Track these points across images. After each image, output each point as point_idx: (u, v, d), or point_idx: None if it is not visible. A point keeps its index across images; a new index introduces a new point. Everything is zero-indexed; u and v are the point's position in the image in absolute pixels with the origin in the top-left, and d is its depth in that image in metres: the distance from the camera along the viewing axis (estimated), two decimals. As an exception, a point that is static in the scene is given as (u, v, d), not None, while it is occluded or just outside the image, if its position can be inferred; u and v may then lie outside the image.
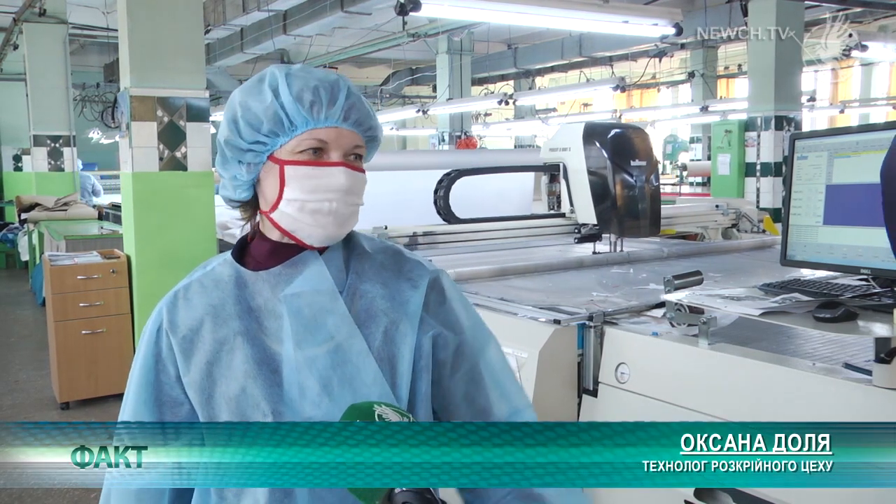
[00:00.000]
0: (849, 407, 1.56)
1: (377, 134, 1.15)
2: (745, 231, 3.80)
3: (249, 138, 1.11)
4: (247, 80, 1.16)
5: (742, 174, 7.24)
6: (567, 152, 3.28)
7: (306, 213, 1.09)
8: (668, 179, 14.10)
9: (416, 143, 20.91)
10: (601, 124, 3.36)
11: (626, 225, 3.21)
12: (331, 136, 1.09)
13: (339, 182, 1.08)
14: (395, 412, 0.95)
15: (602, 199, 3.18)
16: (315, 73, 1.12)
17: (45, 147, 9.72)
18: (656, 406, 1.90)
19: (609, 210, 3.18)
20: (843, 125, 12.04)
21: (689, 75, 13.90)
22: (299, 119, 1.09)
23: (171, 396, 1.12)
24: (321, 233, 1.10)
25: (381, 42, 11.06)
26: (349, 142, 1.11)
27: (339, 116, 1.10)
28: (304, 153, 1.09)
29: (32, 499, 3.72)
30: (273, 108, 1.09)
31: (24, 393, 5.44)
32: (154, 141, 4.57)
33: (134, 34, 4.48)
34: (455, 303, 1.19)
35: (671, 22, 5.86)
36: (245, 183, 1.14)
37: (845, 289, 1.90)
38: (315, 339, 1.09)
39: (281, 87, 1.10)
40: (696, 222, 3.82)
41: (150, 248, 4.67)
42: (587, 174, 3.20)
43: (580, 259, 3.13)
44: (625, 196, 3.17)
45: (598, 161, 3.18)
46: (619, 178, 3.16)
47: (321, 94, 1.09)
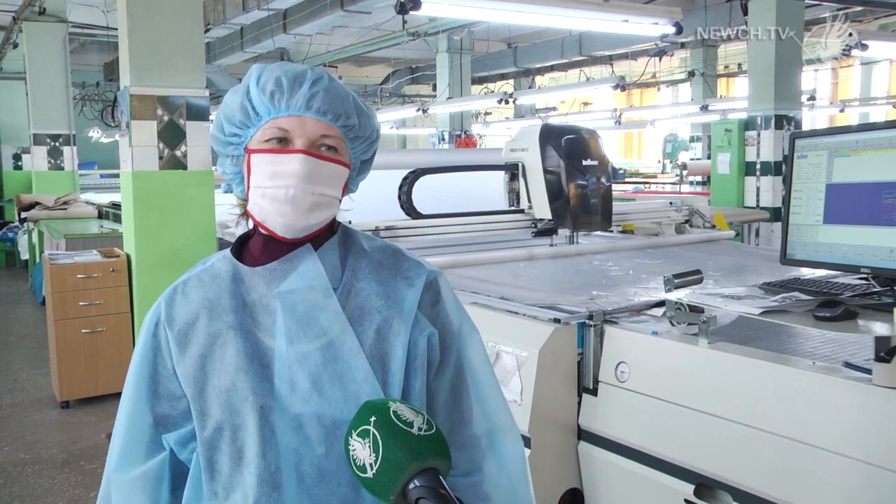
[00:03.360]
0: (849, 406, 1.56)
1: (353, 124, 1.14)
2: (697, 227, 4.01)
3: (227, 131, 1.14)
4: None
5: (742, 173, 7.23)
6: (525, 152, 3.52)
7: (267, 199, 1.09)
8: (667, 179, 14.11)
9: (416, 142, 20.93)
10: (557, 127, 3.64)
11: (580, 220, 3.46)
12: (293, 124, 1.10)
13: (293, 168, 1.08)
14: (411, 410, 0.95)
15: (557, 196, 3.42)
16: (285, 66, 1.13)
17: (45, 146, 9.72)
18: (656, 405, 1.91)
19: (563, 206, 3.42)
20: (843, 124, 12.03)
21: (689, 74, 13.89)
22: (262, 109, 1.11)
23: (170, 390, 1.13)
24: (282, 221, 1.10)
25: (381, 41, 11.06)
26: (314, 131, 1.10)
27: (301, 105, 1.10)
28: (269, 142, 1.10)
29: (33, 497, 3.72)
30: (241, 99, 1.12)
31: (24, 392, 5.44)
32: (154, 140, 4.57)
33: (134, 33, 4.48)
34: (448, 305, 1.19)
35: (671, 21, 5.85)
36: (235, 176, 1.17)
37: (845, 288, 1.90)
38: (307, 336, 1.09)
39: (252, 81, 1.12)
40: (651, 218, 4.01)
41: (149, 247, 4.67)
42: (543, 173, 3.43)
43: (532, 252, 3.33)
44: (577, 193, 3.41)
45: (554, 161, 3.42)
46: (573, 177, 3.40)
47: (283, 84, 1.10)
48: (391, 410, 0.94)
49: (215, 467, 1.09)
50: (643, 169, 17.10)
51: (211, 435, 1.09)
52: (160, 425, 1.14)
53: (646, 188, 13.23)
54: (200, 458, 1.10)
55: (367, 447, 0.92)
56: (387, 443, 0.91)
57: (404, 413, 0.94)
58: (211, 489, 1.10)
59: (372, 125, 1.18)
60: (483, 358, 1.22)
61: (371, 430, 0.93)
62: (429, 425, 0.94)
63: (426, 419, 0.95)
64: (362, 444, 0.93)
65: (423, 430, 0.93)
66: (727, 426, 1.74)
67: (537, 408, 2.02)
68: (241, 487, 1.08)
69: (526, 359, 2.04)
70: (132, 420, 1.15)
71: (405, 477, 0.90)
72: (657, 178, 14.95)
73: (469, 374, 1.18)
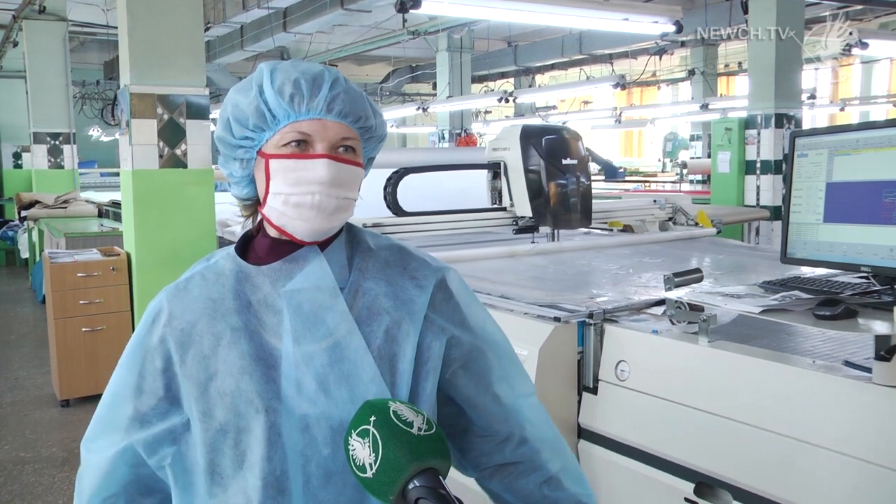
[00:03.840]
0: (848, 404, 1.56)
1: (371, 125, 1.13)
2: (680, 224, 4.05)
3: (238, 134, 1.10)
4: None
5: (742, 172, 7.22)
6: (507, 152, 3.58)
7: (290, 206, 1.08)
8: (668, 177, 14.10)
9: (417, 140, 20.93)
10: (537, 127, 3.74)
11: (560, 218, 3.52)
12: (314, 128, 1.08)
13: (319, 174, 1.07)
14: (411, 409, 0.95)
15: (538, 194, 3.49)
16: (300, 66, 1.11)
17: (45, 144, 9.72)
18: (656, 403, 1.91)
19: (544, 204, 3.48)
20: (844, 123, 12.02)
21: (690, 73, 13.88)
22: (280, 112, 1.08)
23: (152, 387, 1.11)
24: (306, 226, 1.09)
25: (381, 39, 11.05)
26: (335, 133, 1.09)
27: (322, 108, 1.08)
28: (288, 146, 1.08)
29: (33, 496, 3.73)
30: (255, 102, 1.08)
31: (25, 390, 5.45)
32: (154, 138, 4.57)
33: (134, 31, 4.48)
34: (462, 299, 1.19)
35: (671, 19, 5.85)
36: (243, 179, 1.14)
37: (845, 286, 1.90)
38: (314, 336, 1.08)
39: (265, 82, 1.09)
40: (635, 216, 4.05)
41: (150, 246, 4.67)
42: (524, 172, 3.50)
43: (514, 249, 3.40)
44: (557, 192, 3.49)
45: (534, 160, 3.50)
46: (553, 176, 3.48)
47: (302, 86, 1.07)
48: (391, 410, 0.94)
49: (217, 469, 1.07)
50: (643, 168, 17.10)
51: (214, 437, 1.07)
52: (135, 420, 1.11)
53: (646, 187, 13.22)
54: (201, 460, 1.08)
55: (367, 447, 0.92)
56: (386, 443, 0.91)
57: (404, 413, 0.94)
58: (211, 493, 1.08)
59: (385, 124, 1.18)
60: (507, 349, 1.23)
61: (371, 429, 0.92)
62: (429, 425, 0.94)
63: (426, 419, 0.95)
64: (362, 443, 0.92)
65: (423, 430, 0.93)
66: (727, 425, 1.74)
67: (537, 406, 2.02)
68: (242, 491, 1.06)
69: (526, 357, 2.04)
70: (113, 407, 1.15)
71: (405, 477, 0.90)
72: (657, 176, 14.95)
73: (496, 368, 1.20)
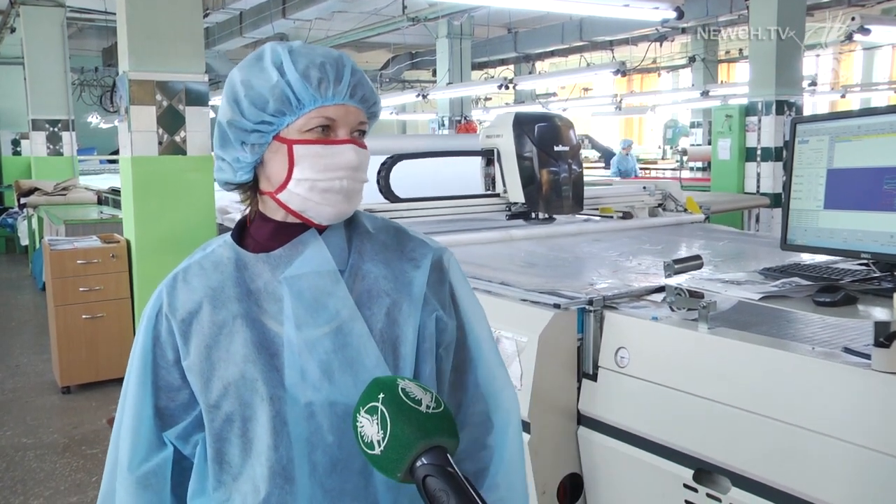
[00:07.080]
0: (848, 391, 1.56)
1: (379, 110, 1.15)
2: (670, 210, 4.08)
3: (254, 118, 1.07)
4: (245, 59, 1.12)
5: (742, 159, 7.21)
6: (500, 139, 3.63)
7: (317, 192, 1.07)
8: (668, 164, 14.07)
9: (416, 127, 20.87)
10: (529, 114, 3.77)
11: (552, 204, 3.56)
12: (339, 113, 1.08)
13: (349, 159, 1.08)
14: (419, 387, 0.95)
15: (530, 180, 3.53)
16: (318, 50, 1.10)
17: (44, 131, 9.70)
18: (655, 390, 1.91)
19: (536, 191, 3.53)
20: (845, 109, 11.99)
21: (690, 60, 13.83)
22: (307, 97, 1.06)
23: (168, 381, 1.11)
24: (331, 211, 1.09)
25: (381, 26, 11.00)
26: (355, 118, 1.10)
27: (346, 93, 1.08)
28: (313, 132, 1.07)
29: (35, 482, 3.74)
30: (280, 86, 1.06)
31: (25, 377, 5.46)
32: (153, 125, 4.56)
33: (133, 18, 4.46)
34: (454, 283, 1.19)
35: (672, 6, 5.84)
36: (247, 165, 1.11)
37: (845, 273, 1.90)
38: (316, 322, 1.07)
39: (286, 65, 1.07)
40: (625, 202, 4.08)
41: (149, 233, 4.67)
42: (517, 159, 3.54)
43: (511, 234, 3.44)
44: (549, 178, 3.53)
45: (527, 147, 3.54)
46: (545, 163, 3.52)
47: (328, 71, 1.07)
48: (399, 388, 0.93)
49: (225, 458, 1.08)
50: (644, 155, 17.05)
51: (220, 426, 1.07)
52: (159, 418, 1.11)
53: (646, 174, 13.20)
54: (209, 449, 1.08)
55: (376, 424, 0.91)
56: (395, 420, 0.90)
57: (413, 390, 0.93)
58: (219, 480, 1.08)
59: (381, 104, 1.20)
60: (488, 336, 1.22)
61: (379, 406, 0.92)
62: (437, 403, 0.94)
63: (434, 397, 0.94)
64: (370, 420, 0.92)
65: (432, 407, 0.92)
66: (726, 411, 1.75)
67: (537, 393, 2.02)
68: (251, 479, 1.06)
69: (526, 344, 2.04)
70: (137, 417, 1.11)
71: (413, 454, 0.89)
72: (657, 163, 14.92)
73: (475, 353, 1.19)
